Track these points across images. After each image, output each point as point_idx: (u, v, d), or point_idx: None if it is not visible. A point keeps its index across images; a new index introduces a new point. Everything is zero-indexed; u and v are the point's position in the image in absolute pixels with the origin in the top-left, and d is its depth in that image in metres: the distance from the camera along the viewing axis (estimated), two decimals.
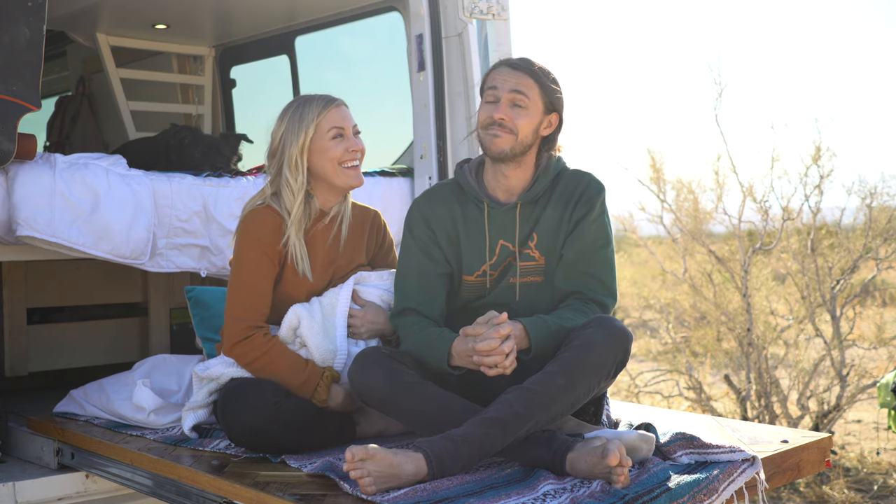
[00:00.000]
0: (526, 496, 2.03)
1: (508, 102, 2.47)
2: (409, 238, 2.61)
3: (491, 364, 2.28)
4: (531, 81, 2.48)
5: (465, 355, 2.34)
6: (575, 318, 2.40)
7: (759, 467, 2.19)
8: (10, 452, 3.09)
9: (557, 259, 2.52)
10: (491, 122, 2.47)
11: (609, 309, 2.52)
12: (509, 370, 2.29)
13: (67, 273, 4.23)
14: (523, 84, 2.47)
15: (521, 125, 2.46)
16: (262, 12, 4.44)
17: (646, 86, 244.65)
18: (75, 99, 5.24)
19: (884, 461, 5.26)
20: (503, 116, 2.46)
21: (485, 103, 2.51)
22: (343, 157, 2.66)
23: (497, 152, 2.48)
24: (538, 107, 2.49)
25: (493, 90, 2.49)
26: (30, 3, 2.77)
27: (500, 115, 2.46)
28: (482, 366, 2.30)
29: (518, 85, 2.47)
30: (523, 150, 2.49)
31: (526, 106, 2.47)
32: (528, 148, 2.51)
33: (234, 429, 2.50)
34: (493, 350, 2.27)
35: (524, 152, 2.50)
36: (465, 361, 2.35)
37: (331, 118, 2.66)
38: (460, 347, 2.36)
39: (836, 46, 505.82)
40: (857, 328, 5.76)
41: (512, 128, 2.46)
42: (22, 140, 2.83)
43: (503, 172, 2.53)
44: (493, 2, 3.58)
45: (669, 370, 6.39)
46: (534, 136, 2.50)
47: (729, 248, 5.86)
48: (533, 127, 2.49)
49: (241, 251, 2.65)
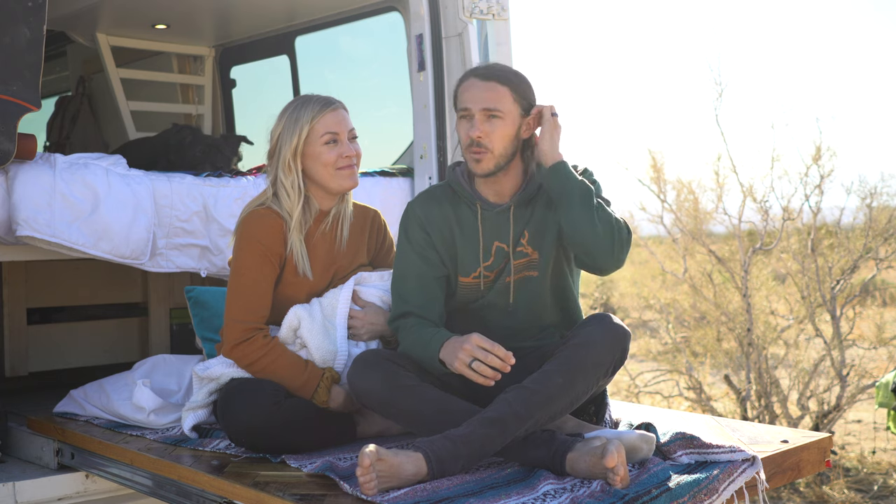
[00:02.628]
0: (526, 496, 2.03)
1: (483, 117, 2.45)
2: (406, 242, 2.60)
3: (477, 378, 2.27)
4: (504, 89, 2.46)
5: (460, 363, 2.30)
6: None
7: (759, 467, 2.19)
8: (10, 452, 3.09)
9: (552, 250, 2.52)
10: (470, 143, 2.46)
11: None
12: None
13: (67, 273, 4.23)
14: (496, 96, 2.45)
15: (496, 139, 2.44)
16: (262, 12, 4.44)
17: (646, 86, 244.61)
18: (75, 99, 5.24)
19: (884, 461, 5.26)
20: (479, 134, 2.44)
21: (460, 119, 2.49)
22: (336, 164, 2.65)
23: (482, 173, 2.49)
24: (514, 113, 2.47)
25: (466, 110, 2.46)
26: (30, 3, 2.77)
27: (477, 134, 2.44)
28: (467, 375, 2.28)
29: (490, 100, 2.44)
30: (507, 160, 2.49)
31: (502, 116, 2.45)
32: (513, 156, 2.50)
33: (234, 429, 2.50)
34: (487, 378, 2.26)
35: (509, 162, 2.50)
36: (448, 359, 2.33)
37: (325, 122, 2.65)
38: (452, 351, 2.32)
39: (836, 46, 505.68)
40: (857, 328, 5.76)
41: (488, 145, 2.44)
42: (22, 140, 2.83)
43: (491, 180, 2.53)
44: (493, 2, 3.58)
45: (669, 370, 6.39)
46: (515, 143, 2.49)
47: (729, 248, 5.86)
48: (511, 136, 2.47)
49: (241, 253, 2.64)
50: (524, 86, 2.50)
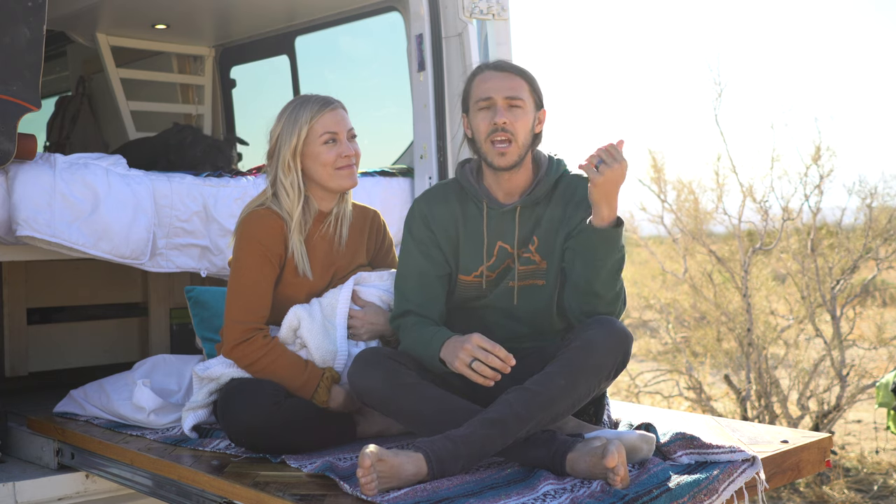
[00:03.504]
0: (526, 496, 2.03)
1: (506, 105, 2.45)
2: (409, 240, 2.60)
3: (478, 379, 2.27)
4: (522, 81, 2.48)
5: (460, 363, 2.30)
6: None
7: (759, 467, 2.19)
8: (10, 452, 3.09)
9: (560, 258, 2.52)
10: (494, 129, 2.43)
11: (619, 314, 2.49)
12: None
13: (67, 273, 4.23)
14: (515, 86, 2.46)
15: (520, 127, 2.45)
16: (262, 12, 4.44)
17: (646, 86, 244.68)
18: (75, 99, 5.24)
19: (884, 461, 5.26)
20: (505, 120, 2.42)
21: (480, 111, 2.47)
22: (335, 163, 2.65)
23: (506, 166, 2.46)
24: (530, 105, 2.49)
25: (488, 99, 2.45)
26: (30, 3, 2.77)
27: (503, 120, 2.42)
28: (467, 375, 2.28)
29: (512, 89, 2.45)
30: (525, 152, 2.49)
31: (522, 106, 2.46)
32: (529, 150, 2.51)
33: (234, 429, 2.50)
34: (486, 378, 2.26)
35: (525, 157, 2.50)
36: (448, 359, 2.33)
37: (324, 122, 2.65)
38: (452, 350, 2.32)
39: (836, 46, 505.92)
40: (857, 328, 5.76)
41: (513, 132, 2.43)
42: (22, 140, 2.83)
43: (504, 177, 2.52)
44: (493, 2, 3.58)
45: (669, 370, 6.39)
46: (530, 136, 2.50)
47: (729, 248, 5.86)
48: (529, 127, 2.48)
49: (241, 253, 2.64)
50: (536, 80, 2.52)
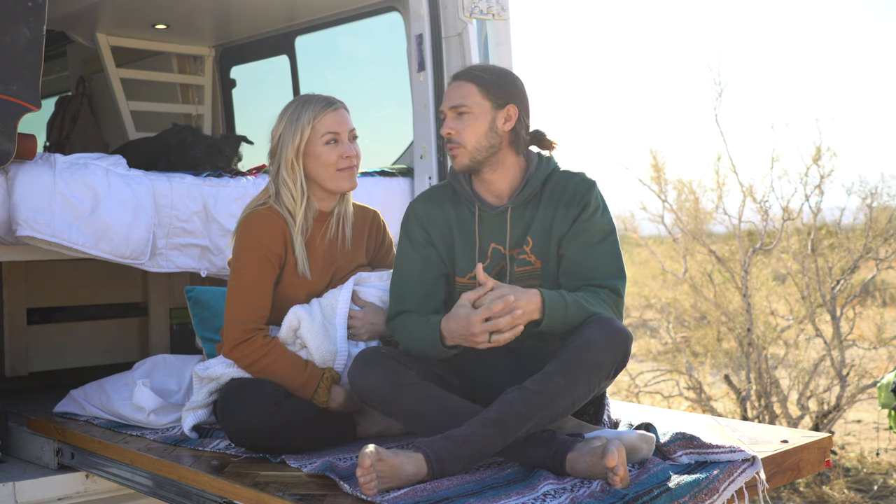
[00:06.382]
0: (526, 496, 2.03)
1: (453, 115, 2.51)
2: (406, 241, 2.60)
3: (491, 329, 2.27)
4: (470, 86, 2.49)
5: (457, 334, 2.32)
6: (591, 300, 2.39)
7: (759, 467, 2.19)
8: (10, 452, 3.09)
9: (556, 260, 2.52)
10: (446, 141, 2.53)
11: (621, 291, 2.48)
12: (503, 342, 2.28)
13: (67, 273, 4.23)
14: (462, 93, 2.49)
15: (466, 134, 2.47)
16: (262, 12, 4.44)
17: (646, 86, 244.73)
18: (75, 99, 5.24)
19: (884, 461, 5.26)
20: (448, 131, 2.50)
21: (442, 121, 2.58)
22: (337, 164, 2.65)
23: (459, 168, 2.53)
24: (484, 107, 2.48)
25: (442, 112, 2.55)
26: (30, 3, 2.77)
27: (446, 131, 2.50)
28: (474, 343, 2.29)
29: (457, 98, 2.50)
30: (485, 154, 2.49)
31: (470, 111, 2.48)
32: (493, 149, 2.50)
33: (234, 429, 2.50)
34: (506, 307, 2.26)
35: (489, 156, 2.50)
36: (457, 339, 2.34)
37: (326, 122, 2.65)
38: (451, 326, 2.34)
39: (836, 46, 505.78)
40: (857, 328, 5.76)
41: (459, 140, 2.49)
42: (22, 140, 2.83)
43: (483, 178, 2.54)
44: (493, 2, 3.58)
45: (669, 370, 6.39)
46: (490, 136, 2.49)
47: (729, 248, 5.86)
48: (483, 130, 2.48)
49: (241, 253, 2.64)
50: (496, 80, 2.51)
